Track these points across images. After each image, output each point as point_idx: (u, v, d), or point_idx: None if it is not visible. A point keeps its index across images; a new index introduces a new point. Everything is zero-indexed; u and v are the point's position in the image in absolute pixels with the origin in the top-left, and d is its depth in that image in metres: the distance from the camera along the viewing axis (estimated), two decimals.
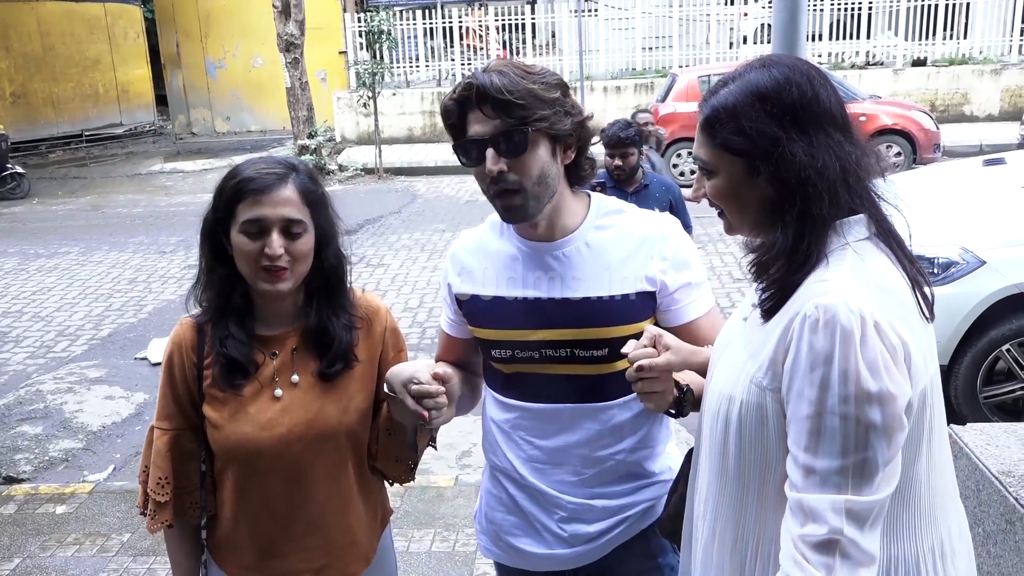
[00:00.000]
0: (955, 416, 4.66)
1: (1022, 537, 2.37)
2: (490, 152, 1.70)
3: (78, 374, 6.47)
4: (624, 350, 1.61)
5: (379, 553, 2.00)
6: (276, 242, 1.71)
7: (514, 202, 1.73)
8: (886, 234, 1.37)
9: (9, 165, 15.50)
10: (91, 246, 10.74)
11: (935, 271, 4.55)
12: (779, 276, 1.36)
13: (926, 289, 1.38)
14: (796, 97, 1.35)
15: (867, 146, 1.40)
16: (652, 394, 1.61)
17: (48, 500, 4.52)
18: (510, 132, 1.69)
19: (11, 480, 4.84)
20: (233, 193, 1.74)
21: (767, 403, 1.35)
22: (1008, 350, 4.60)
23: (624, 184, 4.70)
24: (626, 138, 4.63)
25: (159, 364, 6.61)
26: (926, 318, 1.36)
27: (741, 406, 1.39)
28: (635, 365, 1.57)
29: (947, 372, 4.64)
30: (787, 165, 1.33)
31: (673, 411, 1.67)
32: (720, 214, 1.49)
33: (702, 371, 1.67)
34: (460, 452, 4.77)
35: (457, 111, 1.75)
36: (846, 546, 1.24)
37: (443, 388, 1.71)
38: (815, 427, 1.26)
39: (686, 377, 1.67)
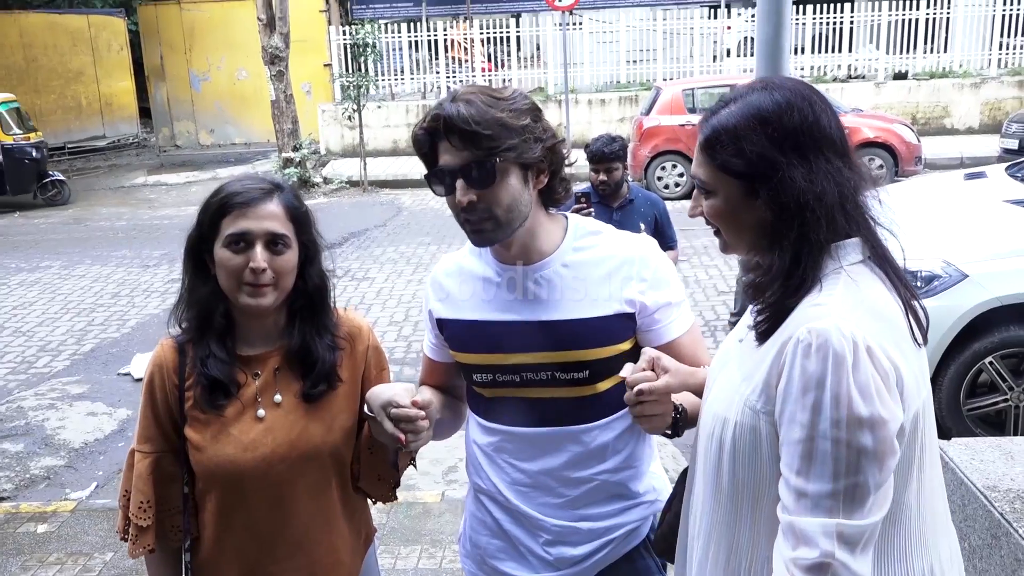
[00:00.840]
0: (939, 428, 4.67)
1: (1007, 552, 2.38)
2: (460, 183, 1.70)
3: (60, 390, 6.41)
4: (622, 373, 1.61)
5: (363, 572, 1.99)
6: (260, 255, 1.71)
7: (484, 227, 1.73)
8: (880, 258, 1.38)
9: (50, 172, 15.44)
10: (73, 259, 10.67)
11: (918, 284, 4.58)
12: (774, 300, 1.37)
13: (920, 313, 1.39)
14: (797, 122, 1.35)
15: (865, 171, 1.41)
16: (651, 417, 1.61)
17: (29, 519, 4.46)
18: (478, 163, 1.68)
19: None
20: (218, 208, 1.75)
21: (760, 426, 1.36)
22: (991, 363, 4.63)
23: (609, 199, 4.68)
24: (610, 153, 4.59)
25: (142, 380, 6.59)
26: (918, 343, 1.37)
27: (735, 428, 1.39)
28: (635, 389, 1.57)
29: (931, 384, 4.64)
30: (786, 190, 1.34)
31: (669, 432, 1.67)
32: (716, 232, 1.49)
33: (700, 392, 1.67)
34: (446, 467, 4.75)
35: (427, 141, 1.74)
36: (838, 569, 1.24)
37: (422, 413, 1.70)
38: (807, 451, 1.26)
39: (680, 397, 1.67)
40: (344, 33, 17.63)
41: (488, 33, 18.49)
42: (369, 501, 2.02)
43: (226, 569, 1.85)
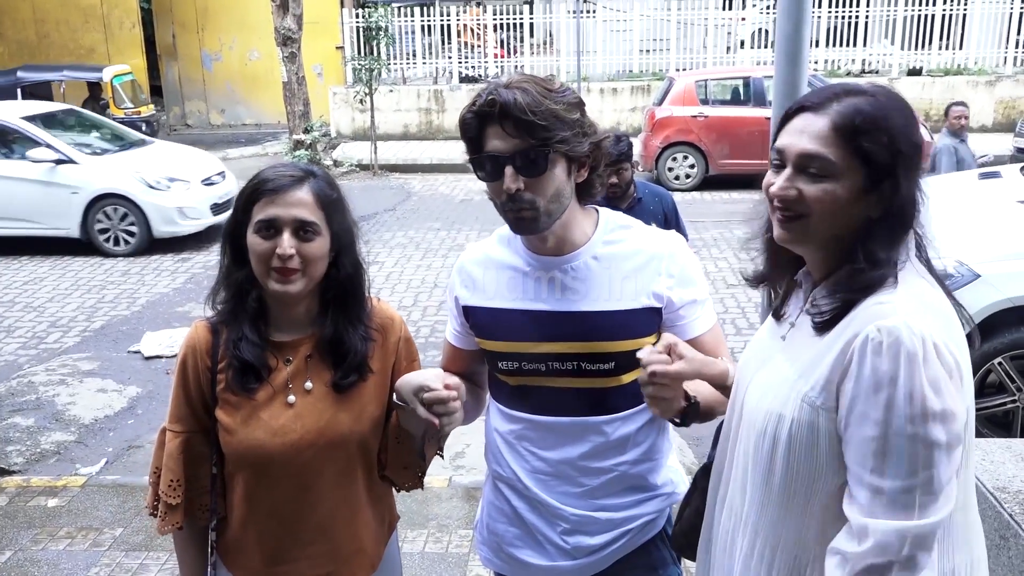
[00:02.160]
0: None
1: (1016, 553, 2.39)
2: (508, 170, 1.71)
3: (70, 366, 6.45)
4: (639, 355, 1.62)
5: (385, 559, 2.01)
6: (287, 241, 1.73)
7: (525, 215, 1.75)
8: (923, 258, 1.43)
9: None
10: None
11: None
12: (845, 296, 1.39)
13: (963, 312, 1.43)
14: (918, 139, 1.41)
15: (924, 191, 1.44)
16: (660, 400, 1.63)
17: (40, 493, 4.51)
18: (531, 152, 1.69)
19: (2, 472, 4.82)
20: (250, 194, 1.77)
21: (819, 422, 1.38)
22: (1000, 363, 4.63)
23: (618, 201, 4.54)
24: (619, 153, 4.44)
25: (152, 358, 6.63)
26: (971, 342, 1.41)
27: (792, 424, 1.41)
28: (648, 370, 1.59)
29: None
30: (901, 192, 1.37)
31: (677, 420, 1.69)
32: (789, 219, 1.43)
33: (715, 383, 1.69)
34: (454, 453, 4.78)
35: (476, 124, 1.74)
36: (908, 569, 1.28)
37: (454, 394, 1.71)
38: (880, 448, 1.29)
39: (695, 388, 1.68)
40: (357, 16, 17.57)
41: (501, 19, 18.42)
42: (393, 489, 2.03)
43: (250, 550, 1.87)
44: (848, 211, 1.40)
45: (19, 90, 14.35)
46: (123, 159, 10.34)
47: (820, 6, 17.10)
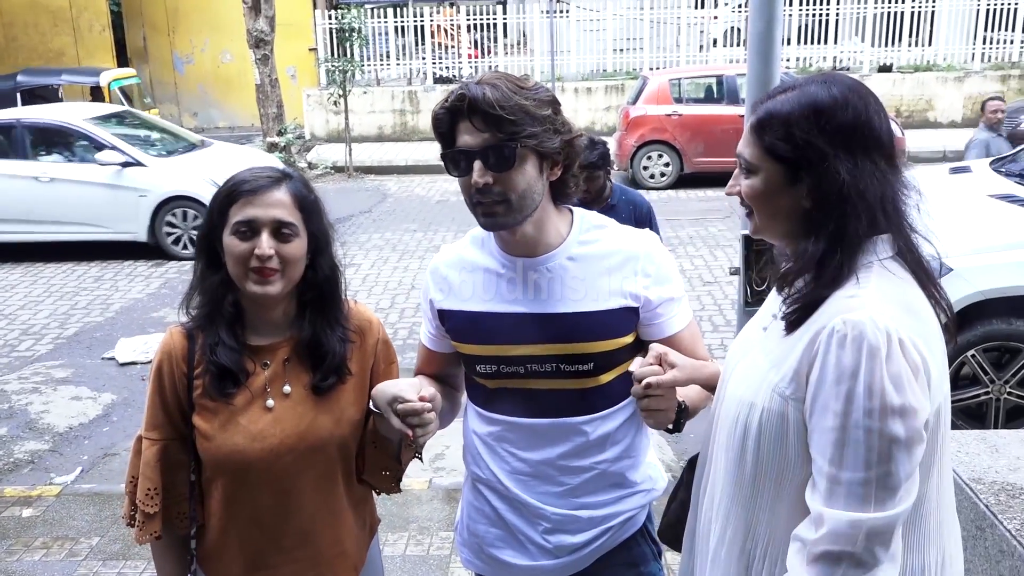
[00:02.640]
0: None
1: (991, 543, 2.42)
2: (477, 164, 1.71)
3: (44, 374, 6.37)
4: (631, 367, 1.63)
5: (367, 562, 2.00)
6: (266, 242, 1.72)
7: (496, 211, 1.74)
8: (909, 254, 1.42)
9: None
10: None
11: None
12: (807, 291, 1.40)
13: (948, 312, 1.43)
14: (851, 118, 1.38)
15: (908, 179, 1.45)
16: (655, 411, 1.64)
17: (14, 503, 4.44)
18: (499, 146, 1.69)
19: None
20: (227, 196, 1.76)
21: (788, 412, 1.39)
22: (973, 355, 4.69)
23: (591, 205, 4.48)
24: (590, 161, 4.27)
25: (127, 364, 6.56)
26: (944, 340, 1.41)
27: (762, 413, 1.42)
28: (643, 384, 1.60)
29: None
30: (830, 181, 1.37)
31: (670, 427, 1.69)
32: (748, 214, 1.52)
33: (707, 386, 1.70)
34: (434, 455, 4.77)
35: (448, 120, 1.75)
36: (864, 559, 1.29)
37: (428, 406, 1.70)
38: (840, 439, 1.30)
39: (683, 392, 1.69)
40: (330, 17, 17.49)
41: (474, 19, 18.40)
42: (373, 492, 2.03)
43: (231, 558, 1.85)
44: (777, 203, 1.44)
45: (18, 94, 13.88)
46: (189, 161, 10.10)
47: (791, 4, 17.24)
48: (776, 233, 1.49)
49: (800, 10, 17.48)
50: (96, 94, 14.82)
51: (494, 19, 18.36)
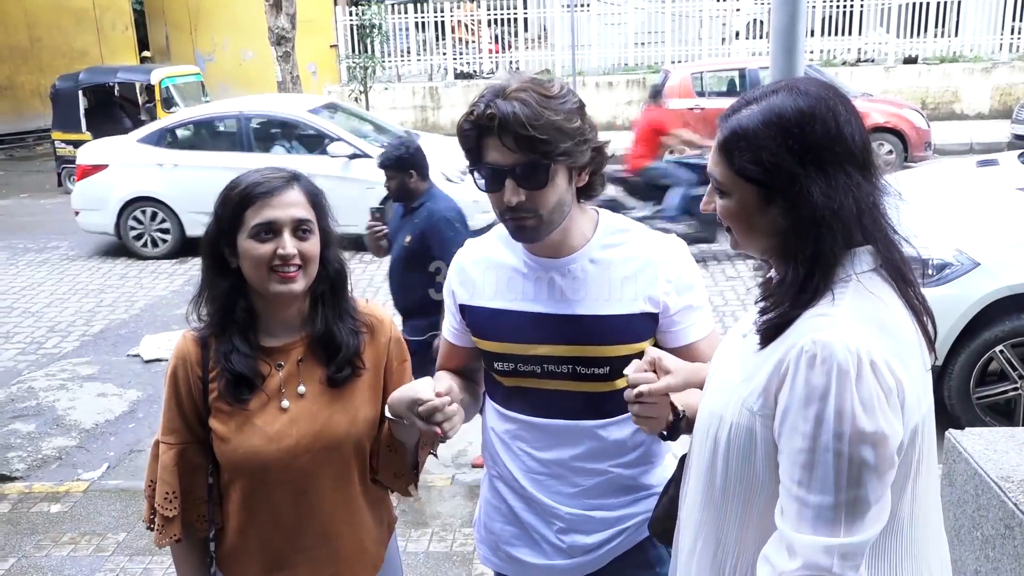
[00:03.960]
0: (948, 416, 4.70)
1: (1020, 542, 2.39)
2: (509, 183, 1.69)
3: (70, 371, 6.44)
4: (626, 371, 1.61)
5: (386, 560, 2.01)
6: (289, 242, 1.74)
7: (527, 224, 1.74)
8: (891, 267, 1.37)
9: None
10: (80, 241, 10.67)
11: (930, 272, 4.58)
12: (782, 308, 1.36)
13: (928, 327, 1.38)
14: (819, 134, 1.32)
15: (884, 183, 1.40)
16: (648, 419, 1.62)
17: (42, 499, 4.50)
18: (532, 165, 1.67)
19: (4, 478, 4.81)
20: (240, 200, 1.76)
21: (757, 428, 1.36)
22: (1001, 351, 4.63)
23: (400, 201, 4.33)
24: (386, 162, 4.22)
25: (152, 361, 6.62)
26: (924, 358, 1.36)
27: (731, 428, 1.40)
28: (635, 391, 1.58)
29: (941, 372, 4.68)
30: (803, 204, 1.32)
31: (664, 434, 1.67)
32: (728, 230, 1.48)
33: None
34: (456, 452, 4.78)
35: (475, 135, 1.71)
36: None
37: (448, 399, 1.70)
38: (808, 461, 1.27)
39: (682, 399, 1.65)
40: (350, 14, 17.56)
41: (495, 14, 18.40)
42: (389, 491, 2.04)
43: (251, 559, 1.87)
44: (755, 223, 1.39)
45: (80, 92, 13.90)
46: None
47: None
48: (756, 249, 1.45)
49: (824, 1, 17.33)
50: (149, 92, 14.78)
51: (515, 14, 18.35)
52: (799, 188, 1.32)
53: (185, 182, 9.42)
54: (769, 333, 1.37)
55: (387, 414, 1.80)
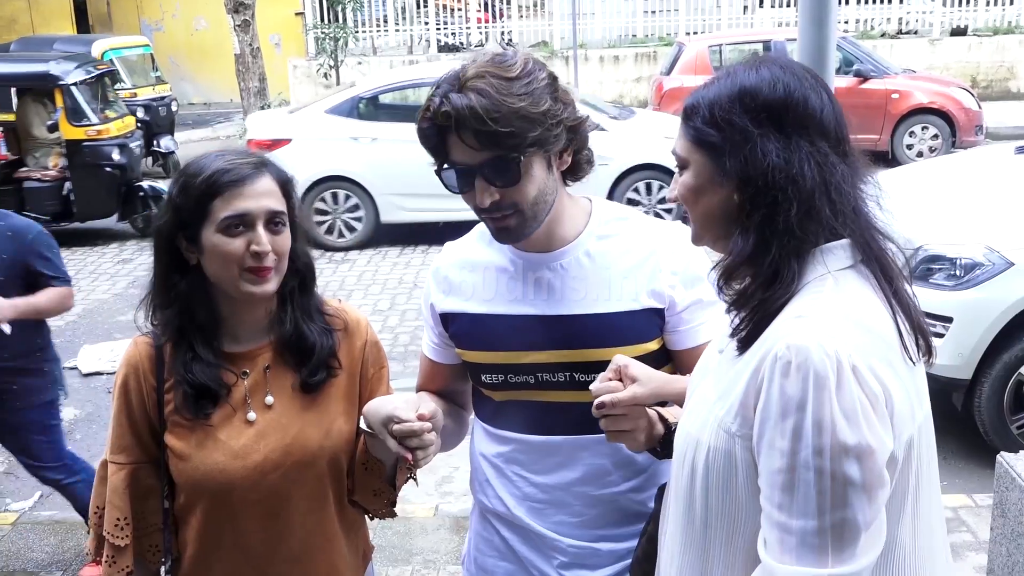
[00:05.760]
0: (983, 443, 4.71)
1: None
2: (479, 183, 1.71)
3: None
4: (591, 386, 1.62)
5: None
6: (263, 237, 1.74)
7: (509, 224, 1.75)
8: (874, 263, 1.38)
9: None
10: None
11: (957, 273, 4.58)
12: (750, 297, 1.38)
13: (916, 325, 1.39)
14: (780, 95, 1.37)
15: (863, 168, 1.42)
16: (620, 433, 1.63)
17: None
18: (500, 162, 1.68)
19: None
20: (205, 188, 1.75)
21: (736, 451, 1.36)
22: None
23: None
24: None
25: (91, 375, 6.57)
26: (912, 360, 1.37)
27: (709, 452, 1.40)
28: (596, 402, 1.59)
29: (970, 388, 4.66)
30: (755, 163, 1.35)
31: (658, 449, 1.68)
32: (684, 219, 1.53)
33: (680, 402, 1.66)
34: (440, 478, 4.79)
35: (435, 134, 1.72)
36: None
37: (428, 426, 1.70)
38: (788, 481, 1.27)
39: (676, 413, 1.66)
40: None
41: None
42: (367, 516, 2.05)
43: None
44: (708, 201, 1.43)
45: None
46: (645, 123, 9.97)
47: None
48: (712, 237, 1.48)
49: None
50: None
51: None
52: (751, 147, 1.35)
53: (384, 160, 9.19)
54: (745, 336, 1.39)
55: (361, 425, 1.81)
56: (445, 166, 1.74)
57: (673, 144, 1.49)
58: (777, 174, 1.34)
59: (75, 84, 10.21)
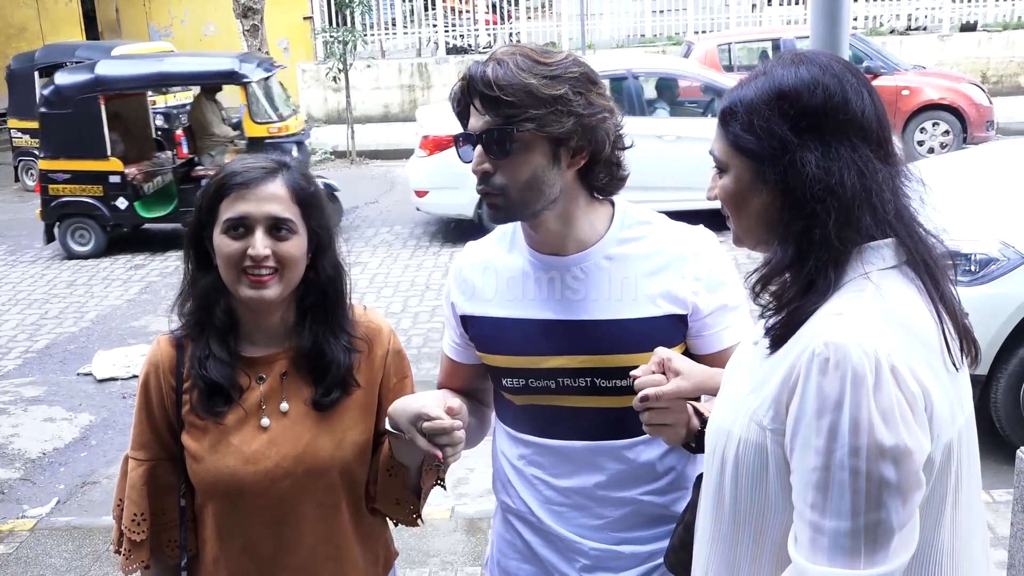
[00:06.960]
0: (999, 439, 4.69)
1: None
2: (477, 150, 1.73)
3: (12, 392, 6.47)
4: (633, 373, 1.62)
5: None
6: (260, 241, 1.74)
7: (496, 202, 1.76)
8: (918, 264, 1.37)
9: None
10: (21, 243, 10.70)
11: (972, 268, 4.56)
12: (785, 302, 1.37)
13: (962, 330, 1.38)
14: (820, 100, 1.35)
15: (905, 168, 1.41)
16: (663, 427, 1.63)
17: None
18: (493, 131, 1.71)
19: None
20: (216, 190, 1.78)
21: (768, 445, 1.35)
22: None
23: None
24: None
25: (105, 380, 6.62)
26: (955, 365, 1.36)
27: (740, 445, 1.39)
28: (639, 395, 1.59)
29: (985, 385, 4.64)
30: (794, 175, 1.34)
31: (693, 444, 1.67)
32: (727, 219, 1.50)
33: None
34: (456, 479, 4.78)
35: (462, 100, 1.78)
36: None
37: (458, 422, 1.71)
38: (822, 480, 1.26)
39: (710, 407, 1.65)
40: None
41: None
42: (390, 522, 2.05)
43: None
44: (749, 205, 1.42)
45: (36, 73, 13.65)
46: None
47: None
48: (755, 240, 1.47)
49: None
50: None
51: None
52: (791, 158, 1.34)
53: None
54: (777, 335, 1.38)
55: (386, 426, 1.81)
56: (458, 134, 1.79)
57: (713, 144, 1.48)
58: (816, 185, 1.32)
59: (257, 82, 10.26)
